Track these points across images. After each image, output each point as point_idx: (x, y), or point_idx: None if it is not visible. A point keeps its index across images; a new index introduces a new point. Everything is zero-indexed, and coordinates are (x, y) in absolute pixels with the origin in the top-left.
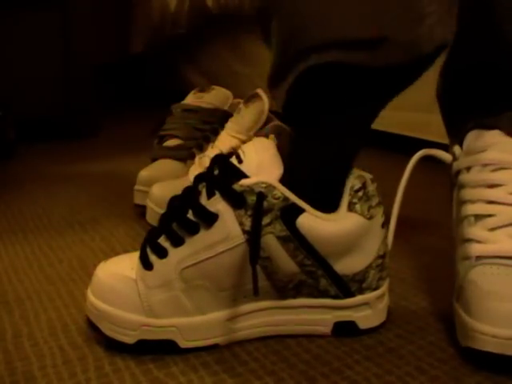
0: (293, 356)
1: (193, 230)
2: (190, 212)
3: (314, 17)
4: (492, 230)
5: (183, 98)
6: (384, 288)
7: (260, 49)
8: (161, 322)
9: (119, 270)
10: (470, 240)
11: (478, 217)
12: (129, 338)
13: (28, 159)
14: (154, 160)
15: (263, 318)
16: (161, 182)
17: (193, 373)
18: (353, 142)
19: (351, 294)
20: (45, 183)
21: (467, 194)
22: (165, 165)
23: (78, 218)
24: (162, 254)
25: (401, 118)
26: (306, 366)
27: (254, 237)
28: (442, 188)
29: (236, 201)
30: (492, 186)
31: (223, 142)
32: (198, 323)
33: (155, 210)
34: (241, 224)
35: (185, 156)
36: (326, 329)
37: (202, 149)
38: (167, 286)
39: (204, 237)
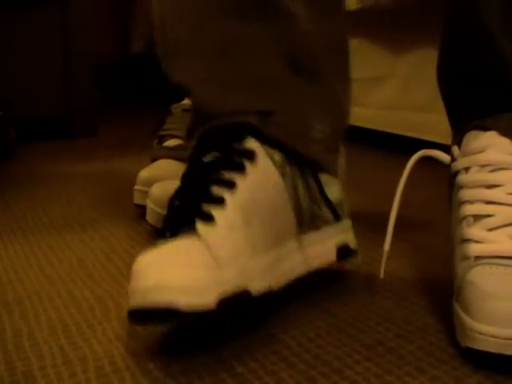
0: (293, 356)
1: (241, 167)
2: (234, 155)
3: (212, 96)
4: (491, 230)
5: (183, 98)
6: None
7: None
8: (233, 271)
9: (169, 248)
10: (468, 240)
11: (477, 217)
12: (209, 302)
13: (28, 159)
14: (153, 160)
15: (290, 258)
16: (161, 182)
17: (193, 373)
18: None
19: (339, 218)
20: (44, 183)
21: (466, 194)
22: (165, 165)
23: (77, 218)
24: (219, 201)
25: (401, 118)
26: (306, 366)
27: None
28: (441, 188)
29: (262, 138)
30: (491, 186)
31: None
32: (258, 265)
33: (155, 210)
34: (272, 159)
35: (185, 156)
36: (332, 256)
37: None
38: (233, 232)
39: (251, 173)
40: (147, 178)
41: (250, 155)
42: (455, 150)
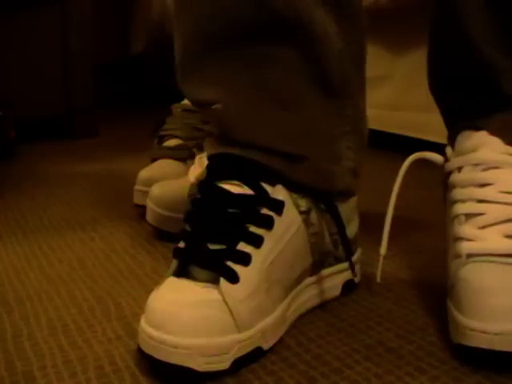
0: (293, 356)
1: (270, 224)
2: (264, 209)
3: (243, 119)
4: (482, 228)
5: (183, 98)
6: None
7: None
8: (252, 332)
9: (192, 296)
10: (460, 238)
11: (469, 215)
12: (225, 364)
13: (28, 159)
14: (154, 160)
15: (301, 297)
16: (161, 182)
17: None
18: None
19: (351, 255)
20: (45, 183)
21: (458, 193)
22: (165, 165)
23: (78, 218)
24: (246, 260)
25: (401, 118)
26: (306, 366)
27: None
28: (441, 188)
29: (290, 186)
30: (482, 185)
31: None
32: (275, 320)
33: (155, 210)
34: (297, 206)
35: (185, 156)
36: (337, 291)
37: (202, 149)
38: (255, 292)
39: (278, 228)
40: (147, 178)
41: (279, 208)
42: (448, 150)
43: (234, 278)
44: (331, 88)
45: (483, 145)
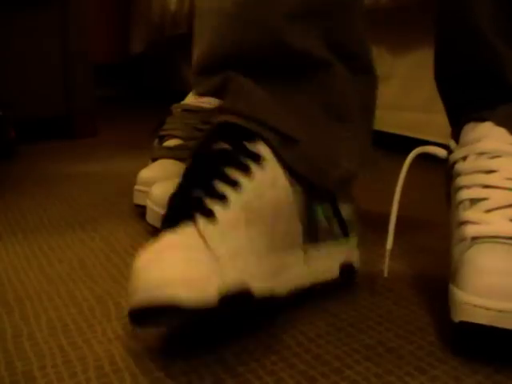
0: (293, 356)
1: (247, 169)
2: (241, 157)
3: (248, 94)
4: (487, 211)
5: (183, 98)
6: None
7: None
8: (233, 270)
9: (170, 241)
10: (465, 222)
11: (473, 200)
12: (211, 298)
13: (28, 159)
14: (154, 160)
15: (295, 268)
16: (161, 182)
17: (193, 373)
18: None
19: (348, 235)
20: (45, 183)
21: (463, 180)
22: (165, 165)
23: (78, 218)
24: (222, 199)
25: (401, 118)
26: (306, 366)
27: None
28: (440, 188)
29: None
30: (488, 172)
31: None
32: (260, 266)
33: (155, 210)
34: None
35: (185, 156)
36: (335, 273)
37: None
38: (232, 232)
39: (258, 176)
40: (147, 178)
41: (257, 158)
42: (452, 143)
43: (210, 214)
44: (333, 112)
45: (488, 135)
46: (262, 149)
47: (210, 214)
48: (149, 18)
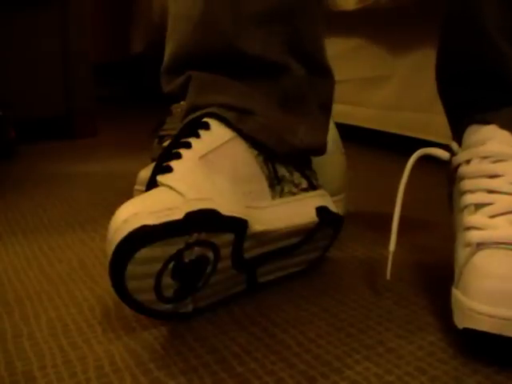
0: (293, 356)
1: (196, 134)
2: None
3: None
4: (492, 217)
5: (183, 98)
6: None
7: None
8: (198, 195)
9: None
10: (470, 228)
11: (478, 205)
12: (177, 215)
13: (28, 159)
14: (154, 160)
15: (267, 212)
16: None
17: (193, 373)
18: None
19: (315, 188)
20: (45, 183)
21: (467, 184)
22: None
23: (78, 218)
24: (178, 157)
25: (401, 118)
26: (306, 366)
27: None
28: (441, 188)
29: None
30: (492, 176)
31: None
32: (227, 196)
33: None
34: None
35: None
36: (312, 215)
37: None
38: (190, 173)
39: (205, 136)
40: (147, 178)
41: (205, 125)
42: (454, 145)
43: (167, 169)
44: (288, 105)
45: (492, 138)
46: (211, 121)
47: (167, 170)
48: (149, 17)
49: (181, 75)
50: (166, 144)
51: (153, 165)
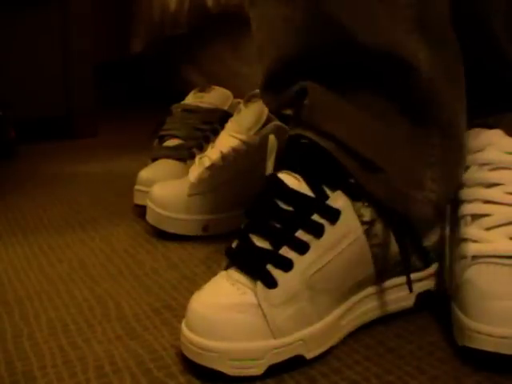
0: None
1: (319, 232)
2: (315, 215)
3: (328, 108)
4: (488, 229)
5: (183, 98)
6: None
7: None
8: (289, 339)
9: (227, 299)
10: (466, 240)
11: (475, 216)
12: (257, 369)
13: (28, 159)
14: (154, 160)
15: (361, 307)
16: (161, 182)
17: (192, 372)
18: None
19: (429, 264)
20: (45, 183)
21: (464, 193)
22: (165, 165)
23: (78, 217)
24: (287, 266)
25: None
26: (306, 365)
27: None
28: None
29: (355, 194)
30: (489, 185)
31: (223, 142)
32: (320, 329)
33: (155, 210)
34: (360, 216)
35: (185, 156)
36: (410, 302)
37: (201, 149)
38: (294, 299)
39: (328, 237)
40: (147, 178)
41: (334, 216)
42: None
43: (272, 283)
44: (417, 115)
45: (491, 144)
46: (341, 201)
47: (271, 283)
48: (149, 17)
49: (287, 87)
50: (166, 144)
51: (153, 165)
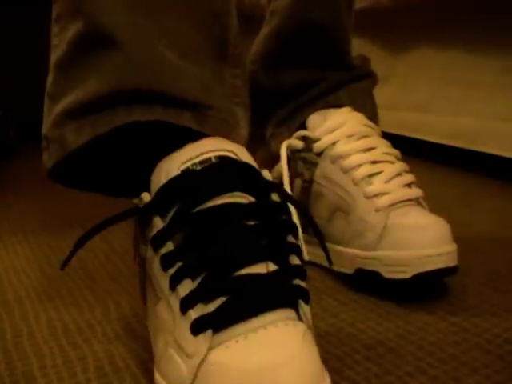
0: None
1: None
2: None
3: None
4: (387, 182)
5: None
6: None
7: None
8: None
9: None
10: (377, 195)
11: (371, 175)
12: None
13: (28, 159)
14: None
15: None
16: None
17: None
18: None
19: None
20: (45, 183)
21: (351, 161)
22: None
23: (78, 217)
24: (303, 275)
25: (400, 118)
26: None
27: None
28: (441, 188)
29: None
30: (367, 149)
31: None
32: None
33: None
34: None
35: None
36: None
37: None
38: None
39: None
40: None
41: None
42: (306, 133)
43: (307, 297)
44: (224, 53)
45: (349, 119)
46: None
47: (306, 296)
48: None
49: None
50: None
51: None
